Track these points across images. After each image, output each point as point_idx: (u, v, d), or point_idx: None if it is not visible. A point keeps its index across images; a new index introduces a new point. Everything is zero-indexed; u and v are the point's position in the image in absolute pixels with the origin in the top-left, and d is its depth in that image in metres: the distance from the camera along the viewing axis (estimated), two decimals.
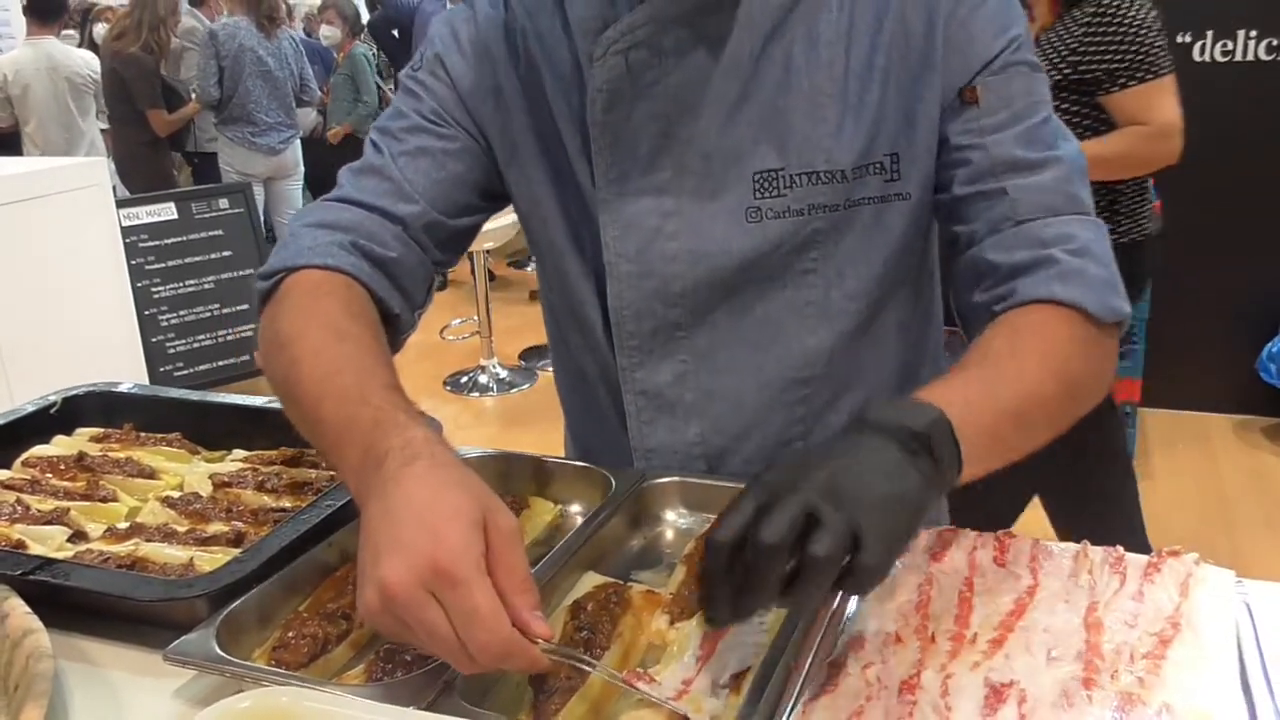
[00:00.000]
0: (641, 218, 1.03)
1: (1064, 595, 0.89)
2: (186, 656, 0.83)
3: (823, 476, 0.70)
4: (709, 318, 1.06)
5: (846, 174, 1.00)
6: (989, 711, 0.75)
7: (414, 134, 1.09)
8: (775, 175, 1.00)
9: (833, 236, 1.02)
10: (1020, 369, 0.88)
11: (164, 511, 1.12)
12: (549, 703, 0.79)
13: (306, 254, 1.00)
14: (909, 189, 1.02)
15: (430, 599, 0.67)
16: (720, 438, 1.10)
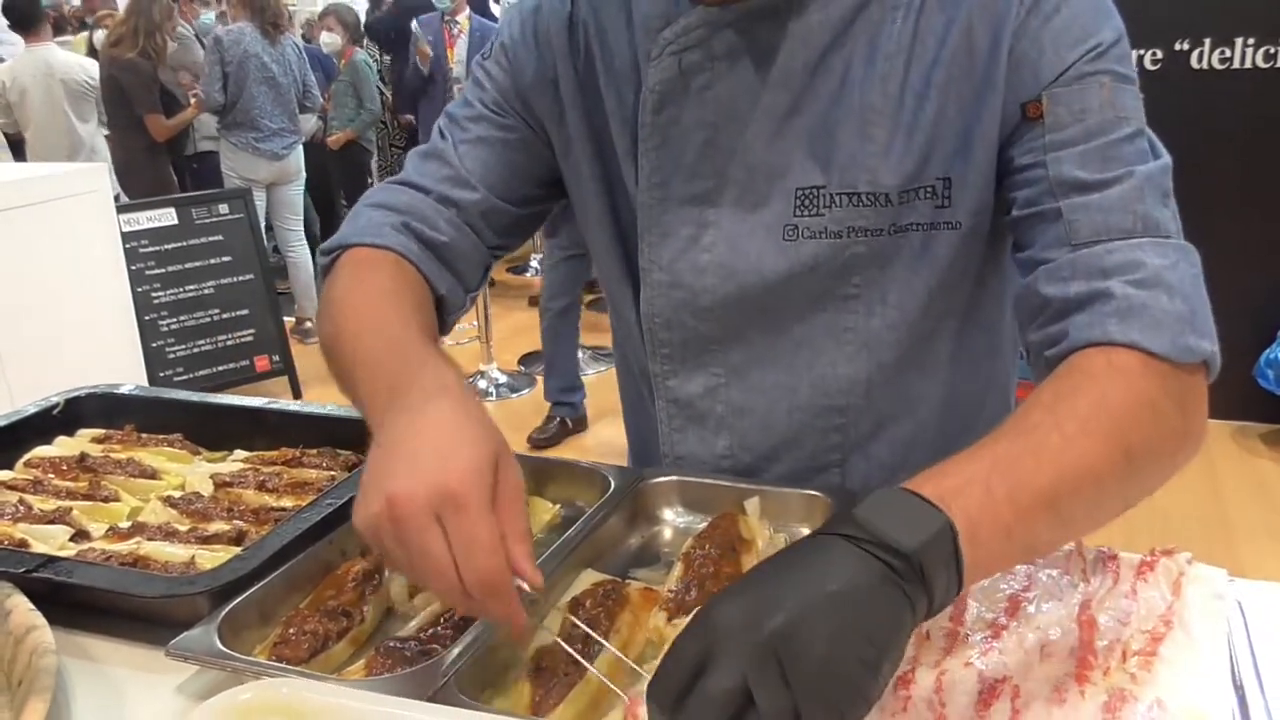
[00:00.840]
0: (678, 226, 1.01)
1: (1057, 593, 0.89)
2: (188, 652, 0.84)
3: (769, 632, 0.58)
4: (743, 334, 1.03)
5: (891, 197, 0.94)
6: (982, 707, 0.76)
7: (476, 123, 1.10)
8: (817, 193, 0.96)
9: (876, 262, 0.97)
10: (1065, 440, 0.73)
11: (165, 511, 1.13)
12: (548, 698, 0.79)
13: (361, 233, 1.05)
14: (959, 217, 0.96)
15: (434, 521, 0.68)
16: (749, 455, 1.08)
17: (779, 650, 0.57)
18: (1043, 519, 0.71)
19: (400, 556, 0.70)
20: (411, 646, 0.87)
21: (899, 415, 1.05)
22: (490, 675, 0.83)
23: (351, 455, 1.24)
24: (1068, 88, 0.88)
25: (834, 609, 0.59)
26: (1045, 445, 0.73)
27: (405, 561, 0.70)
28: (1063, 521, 0.73)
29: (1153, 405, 0.78)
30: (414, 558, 0.69)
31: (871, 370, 1.02)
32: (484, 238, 1.11)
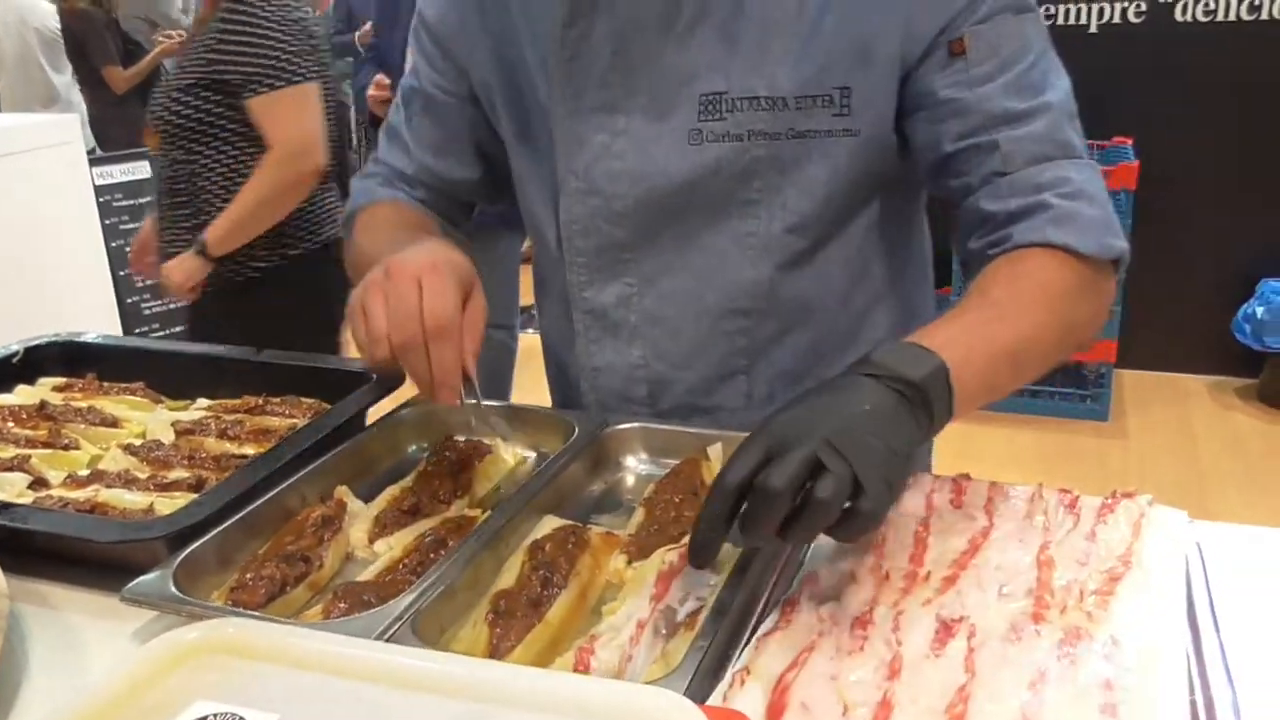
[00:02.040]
0: (590, 134, 1.05)
1: (1018, 535, 0.90)
2: (143, 597, 0.83)
3: (830, 426, 0.74)
4: (655, 241, 1.08)
5: (789, 102, 1.00)
6: (938, 645, 0.76)
7: (425, 104, 1.19)
8: (719, 99, 1.00)
9: (775, 166, 1.02)
10: (1019, 312, 0.90)
11: (125, 458, 1.12)
12: (505, 640, 0.79)
13: (360, 199, 1.23)
14: (859, 125, 1.01)
15: (416, 281, 0.87)
16: (662, 364, 1.12)
17: (835, 441, 0.73)
18: (1005, 370, 0.88)
19: (376, 308, 0.87)
20: (370, 591, 0.86)
21: (800, 321, 1.11)
22: (448, 619, 0.83)
23: (315, 403, 1.23)
24: (984, 24, 0.97)
25: (870, 418, 0.76)
26: (1006, 313, 0.90)
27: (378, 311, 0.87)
28: (1018, 373, 0.90)
29: (1081, 292, 0.95)
30: (390, 303, 0.86)
31: (772, 274, 1.07)
32: (452, 194, 1.24)
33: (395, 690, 0.57)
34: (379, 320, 0.87)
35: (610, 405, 1.16)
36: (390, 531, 0.96)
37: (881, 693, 0.72)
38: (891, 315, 1.16)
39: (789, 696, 0.72)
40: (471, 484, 1.05)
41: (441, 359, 0.87)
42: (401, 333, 0.86)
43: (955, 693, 0.71)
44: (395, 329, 0.86)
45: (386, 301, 0.86)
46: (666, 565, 0.85)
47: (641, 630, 0.78)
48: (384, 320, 0.86)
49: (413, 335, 0.86)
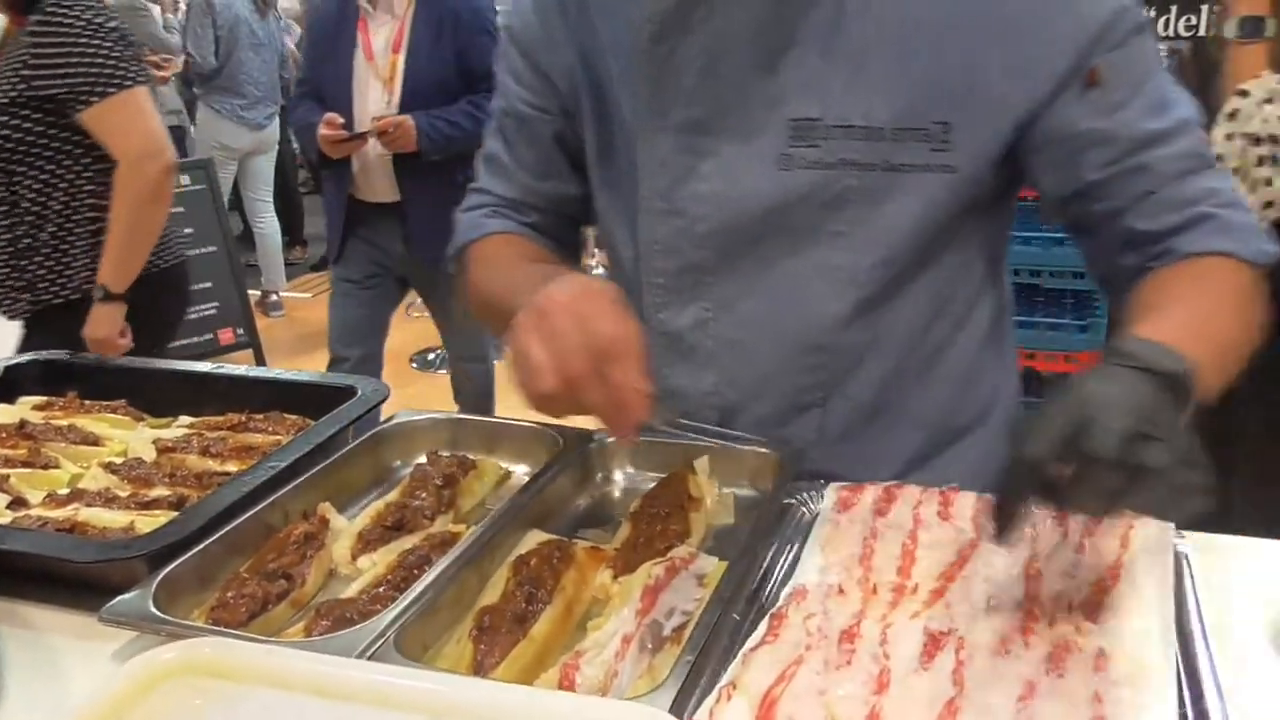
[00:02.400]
0: (675, 155, 1.01)
1: (1005, 548, 0.89)
2: (121, 617, 0.82)
3: (1128, 404, 0.72)
4: (736, 266, 1.03)
5: (886, 133, 0.95)
6: (926, 659, 0.75)
7: (519, 123, 1.15)
8: (812, 124, 0.96)
9: (867, 198, 0.98)
10: (1216, 313, 0.91)
11: (106, 477, 1.11)
12: (489, 657, 0.78)
13: (468, 232, 1.18)
14: (957, 162, 0.96)
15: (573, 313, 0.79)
16: (734, 391, 1.06)
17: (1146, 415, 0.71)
18: (1217, 369, 0.86)
19: (534, 346, 0.78)
20: (353, 608, 0.85)
21: (877, 353, 1.06)
22: (431, 635, 0.82)
23: (299, 419, 1.22)
24: (1117, 50, 0.93)
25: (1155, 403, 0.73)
26: (1208, 317, 0.90)
27: (537, 349, 0.78)
28: (1223, 374, 0.88)
29: (1253, 296, 0.95)
30: (549, 340, 0.78)
31: (854, 307, 1.02)
32: (562, 213, 1.19)
33: (377, 709, 0.56)
34: (539, 358, 0.78)
35: None
36: (373, 548, 0.95)
37: (869, 707, 0.71)
38: (974, 342, 1.10)
39: (776, 711, 0.71)
40: (456, 499, 1.04)
41: (623, 379, 0.78)
42: (568, 365, 0.77)
43: (943, 706, 0.70)
44: (561, 363, 0.77)
45: (545, 339, 0.78)
46: (653, 579, 0.84)
47: (627, 645, 0.78)
48: (546, 356, 0.78)
49: (581, 365, 0.77)
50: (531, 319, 0.80)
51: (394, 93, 2.79)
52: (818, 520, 0.96)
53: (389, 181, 2.85)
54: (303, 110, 2.93)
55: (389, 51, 2.80)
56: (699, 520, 0.96)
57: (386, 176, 2.85)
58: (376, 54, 2.81)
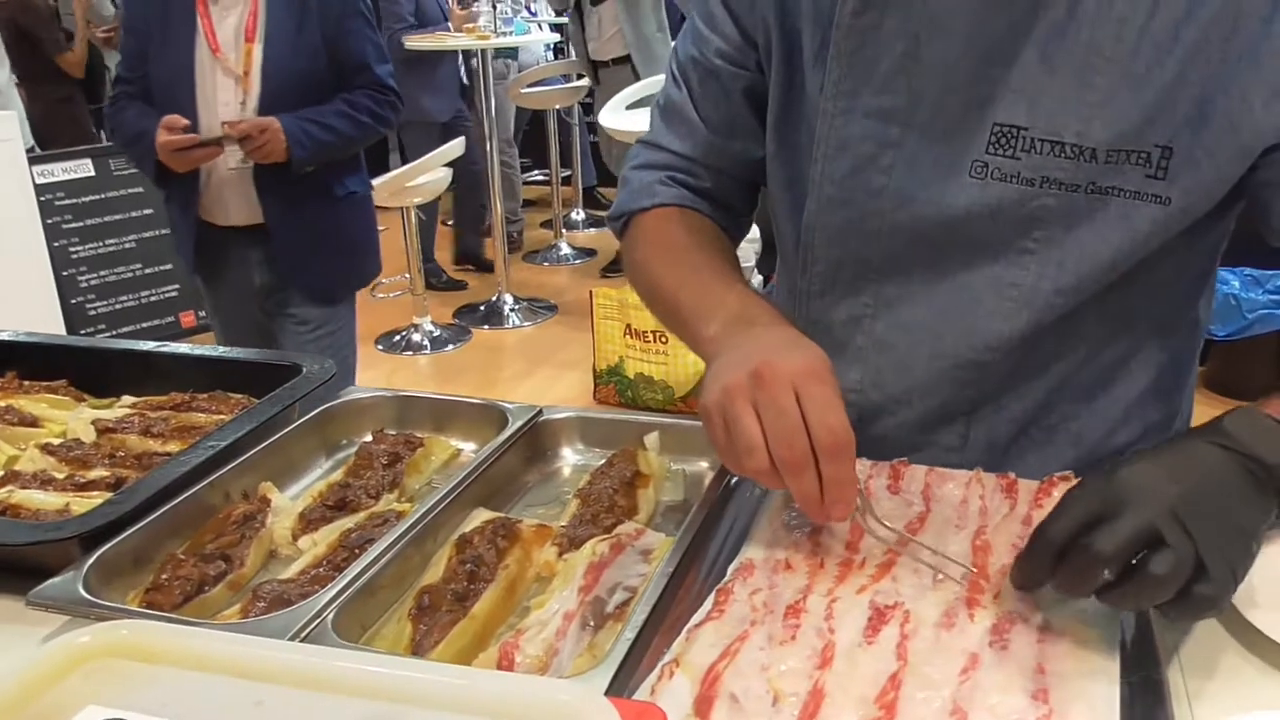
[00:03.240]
0: (858, 141, 0.93)
1: (955, 520, 0.89)
2: (50, 600, 0.80)
3: (1173, 494, 0.69)
4: (903, 267, 0.96)
5: (1098, 154, 0.85)
6: (871, 633, 0.74)
7: (709, 74, 1.05)
8: (1016, 133, 0.87)
9: (1063, 221, 0.89)
10: None
11: (43, 458, 1.08)
12: (428, 637, 0.77)
13: (637, 196, 1.10)
14: (1171, 194, 0.85)
15: (793, 389, 0.76)
16: (879, 394, 1.01)
17: (1179, 510, 0.68)
18: None
19: (748, 419, 0.76)
20: (291, 589, 0.83)
21: (1042, 372, 0.99)
22: (370, 616, 0.80)
23: (244, 398, 1.20)
24: None
25: (1220, 490, 0.71)
26: None
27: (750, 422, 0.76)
28: None
29: None
30: (768, 415, 0.75)
31: (1026, 329, 0.94)
32: (743, 177, 1.11)
33: (299, 691, 0.55)
34: (753, 432, 0.76)
35: None
36: (315, 528, 0.93)
37: (813, 682, 0.70)
38: (1150, 369, 1.02)
39: (719, 688, 0.70)
40: (402, 478, 1.02)
41: (839, 477, 0.76)
42: (789, 450, 0.75)
43: (887, 680, 0.70)
44: (780, 444, 0.75)
45: (761, 412, 0.76)
46: (597, 556, 0.83)
47: (569, 623, 0.76)
48: (759, 432, 0.76)
49: (802, 453, 0.75)
50: (748, 385, 0.77)
51: (250, 91, 2.24)
52: (768, 493, 0.95)
53: (248, 201, 2.31)
54: (131, 115, 2.30)
55: (240, 41, 2.23)
56: (647, 497, 0.95)
57: (245, 194, 2.31)
58: (224, 45, 2.23)
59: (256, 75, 2.23)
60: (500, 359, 4.62)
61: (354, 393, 1.15)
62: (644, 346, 3.81)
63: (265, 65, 2.22)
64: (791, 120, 1.00)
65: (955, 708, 0.67)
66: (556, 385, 4.22)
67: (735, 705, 0.69)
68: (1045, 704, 0.67)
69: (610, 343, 3.89)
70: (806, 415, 0.75)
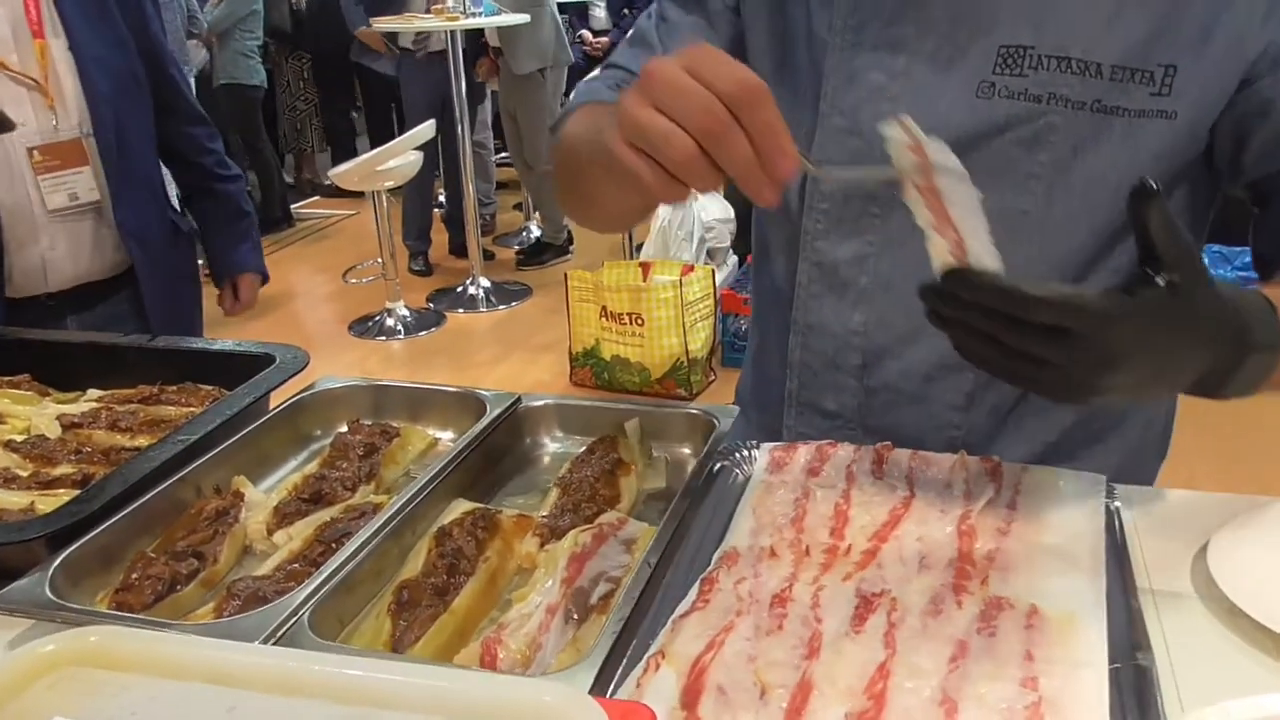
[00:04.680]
0: (866, 72, 0.93)
1: (940, 505, 0.88)
2: (14, 604, 0.77)
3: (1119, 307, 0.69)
4: None
5: (1104, 70, 0.86)
6: (858, 621, 0.74)
7: (679, 6, 1.05)
8: (1023, 53, 0.88)
9: (1070, 141, 0.89)
10: None
11: (6, 456, 1.05)
12: (408, 633, 0.75)
13: (582, 96, 1.05)
14: (1177, 108, 0.86)
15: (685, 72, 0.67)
16: (883, 335, 1.00)
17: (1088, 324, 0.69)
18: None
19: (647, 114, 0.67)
20: (266, 586, 0.81)
21: None
22: (348, 612, 0.79)
23: (214, 390, 1.17)
24: None
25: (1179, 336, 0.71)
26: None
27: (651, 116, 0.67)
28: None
29: None
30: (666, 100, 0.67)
31: (1037, 262, 0.92)
32: None
33: (274, 696, 0.53)
34: (664, 123, 0.67)
35: (816, 368, 1.04)
36: (290, 522, 0.91)
37: (800, 673, 0.69)
38: None
39: (705, 680, 0.69)
40: (379, 469, 1.00)
41: (765, 122, 0.68)
42: (706, 116, 0.67)
43: (875, 671, 0.69)
44: (693, 118, 0.67)
45: (666, 103, 0.68)
46: (579, 547, 0.82)
47: (551, 616, 0.75)
48: (670, 122, 0.67)
49: (720, 114, 0.67)
50: (640, 91, 0.69)
51: (65, 106, 1.59)
52: (750, 482, 0.94)
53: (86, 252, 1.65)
54: None
55: (26, 36, 1.57)
56: (629, 485, 0.94)
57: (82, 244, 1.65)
58: (4, 43, 1.55)
59: (67, 83, 1.60)
60: (475, 343, 4.59)
61: (327, 382, 1.13)
62: (620, 329, 3.79)
63: (83, 67, 1.60)
64: (792, 64, 1.00)
65: (944, 697, 0.66)
66: (532, 369, 4.20)
67: (723, 698, 0.68)
68: (1034, 691, 0.66)
69: (586, 325, 3.87)
70: (706, 81, 0.67)
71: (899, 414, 1.01)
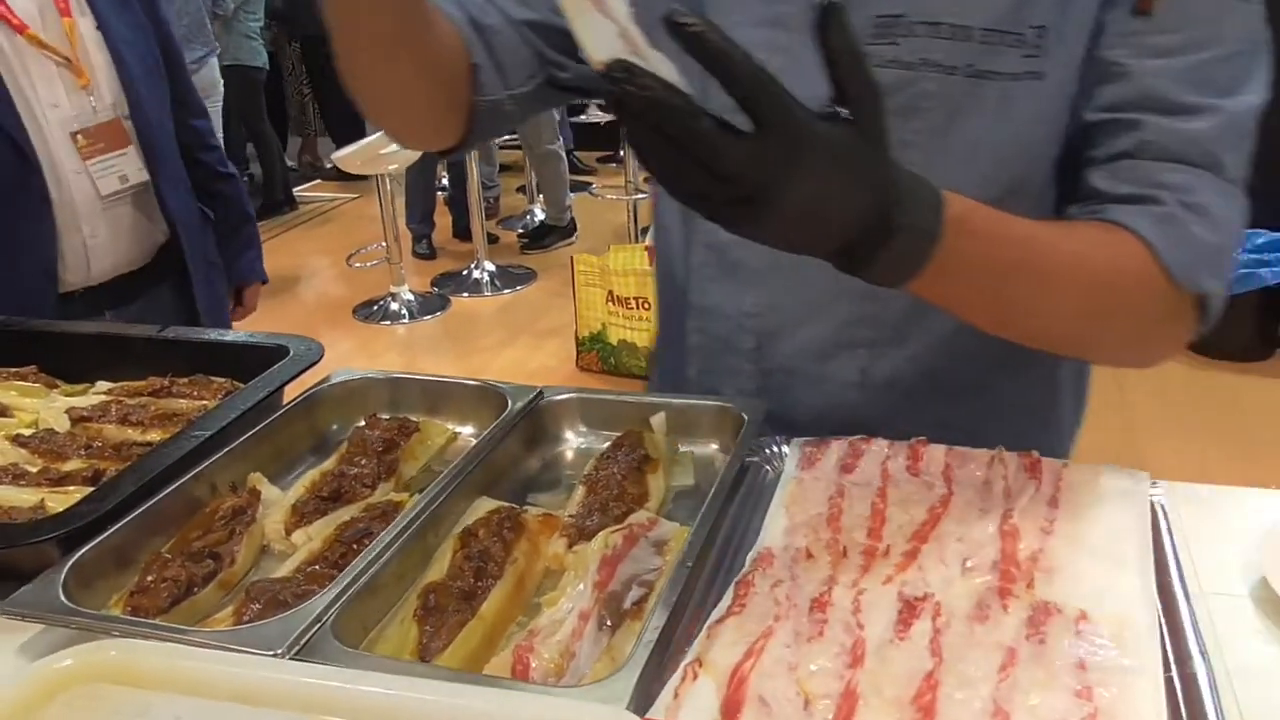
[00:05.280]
0: (753, 49, 0.89)
1: (979, 503, 0.85)
2: (26, 609, 0.75)
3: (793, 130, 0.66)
4: None
5: (974, 34, 0.86)
6: (902, 627, 0.71)
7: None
8: (894, 21, 0.87)
9: (944, 107, 0.88)
10: (1054, 248, 0.81)
11: (14, 451, 1.02)
12: (435, 639, 0.72)
13: None
14: (1046, 68, 0.86)
15: None
16: (776, 315, 0.99)
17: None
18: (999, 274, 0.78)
19: None
20: (286, 589, 0.78)
21: None
22: (372, 617, 0.76)
23: (227, 382, 1.14)
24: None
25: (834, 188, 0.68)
26: (1049, 247, 0.81)
27: None
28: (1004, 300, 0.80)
29: (1146, 299, 0.83)
30: None
31: None
32: (535, 47, 0.99)
33: (300, 716, 0.50)
34: None
35: (713, 352, 1.03)
36: (309, 521, 0.88)
37: (844, 682, 0.67)
38: None
39: (746, 690, 0.66)
40: (398, 465, 0.97)
41: None
42: None
43: (922, 680, 0.66)
44: None
45: None
46: (610, 549, 0.79)
47: (585, 623, 0.72)
48: None
49: None
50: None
51: (98, 86, 1.58)
52: (782, 479, 0.91)
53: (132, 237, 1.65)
54: None
55: (53, 15, 1.55)
56: (657, 482, 0.91)
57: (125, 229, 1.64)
58: (32, 21, 1.52)
59: (99, 62, 1.58)
60: (480, 327, 4.56)
61: (342, 374, 1.10)
62: (626, 313, 3.76)
63: (113, 47, 1.59)
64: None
65: (996, 708, 0.64)
66: (538, 353, 4.17)
67: (765, 709, 0.65)
68: (1089, 702, 0.64)
69: (592, 309, 3.84)
70: None
71: (796, 395, 1.01)
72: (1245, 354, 3.76)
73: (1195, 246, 0.82)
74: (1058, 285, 0.81)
